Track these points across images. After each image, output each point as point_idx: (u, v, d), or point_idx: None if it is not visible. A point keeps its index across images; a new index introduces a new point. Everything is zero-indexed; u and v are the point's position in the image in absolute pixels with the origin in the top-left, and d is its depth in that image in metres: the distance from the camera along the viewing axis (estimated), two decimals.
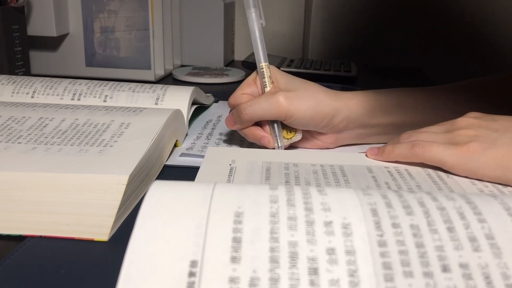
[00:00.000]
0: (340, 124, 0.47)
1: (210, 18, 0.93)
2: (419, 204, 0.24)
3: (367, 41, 1.05)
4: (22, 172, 0.34)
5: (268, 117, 0.46)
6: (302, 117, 0.45)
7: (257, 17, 0.48)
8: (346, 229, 0.22)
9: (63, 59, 0.82)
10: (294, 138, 0.48)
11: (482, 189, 0.38)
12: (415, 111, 0.49)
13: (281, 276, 0.20)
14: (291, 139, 0.48)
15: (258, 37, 0.48)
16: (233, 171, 0.40)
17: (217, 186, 0.25)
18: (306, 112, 0.45)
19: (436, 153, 0.40)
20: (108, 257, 0.29)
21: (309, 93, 0.46)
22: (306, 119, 0.46)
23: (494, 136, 0.39)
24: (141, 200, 0.37)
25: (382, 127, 0.49)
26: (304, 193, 0.24)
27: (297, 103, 0.45)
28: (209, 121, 0.59)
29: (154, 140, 0.40)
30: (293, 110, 0.45)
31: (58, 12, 0.77)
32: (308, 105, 0.45)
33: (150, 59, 0.80)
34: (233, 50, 1.06)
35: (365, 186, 0.38)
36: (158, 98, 0.53)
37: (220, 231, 0.22)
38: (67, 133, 0.41)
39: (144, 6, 0.78)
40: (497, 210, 0.23)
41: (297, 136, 0.48)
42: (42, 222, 0.32)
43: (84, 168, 0.35)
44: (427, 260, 0.21)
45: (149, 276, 0.20)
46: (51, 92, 0.54)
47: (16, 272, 0.27)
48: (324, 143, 0.49)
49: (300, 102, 0.45)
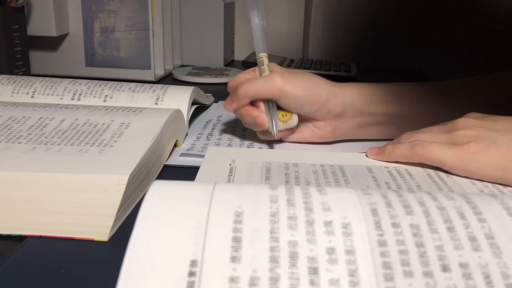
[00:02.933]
0: (335, 108, 0.48)
1: (210, 18, 0.93)
2: (419, 204, 0.24)
3: (367, 41, 1.05)
4: (22, 172, 0.34)
5: (263, 94, 0.46)
6: (296, 96, 0.46)
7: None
8: (346, 228, 0.22)
9: (63, 59, 0.82)
10: (289, 122, 0.48)
11: (482, 189, 0.38)
12: (412, 101, 0.50)
13: (281, 275, 0.20)
14: (287, 122, 0.48)
15: (259, 29, 0.49)
16: (233, 171, 0.40)
17: (217, 186, 0.25)
18: (300, 92, 0.46)
19: (436, 153, 0.40)
20: (108, 257, 0.29)
21: (305, 76, 0.48)
22: (300, 99, 0.46)
23: (494, 136, 0.39)
24: (141, 200, 0.37)
25: (380, 116, 0.49)
26: (304, 193, 0.24)
27: (292, 82, 0.46)
28: (209, 121, 0.59)
29: (154, 140, 0.40)
30: (288, 89, 0.46)
31: (58, 12, 0.77)
32: (302, 85, 0.46)
33: (150, 59, 0.80)
34: (233, 50, 1.06)
35: (365, 186, 0.38)
36: (158, 98, 0.53)
37: (220, 231, 0.22)
38: (67, 133, 0.41)
39: (144, 6, 0.78)
40: (497, 210, 0.23)
41: (292, 120, 0.48)
42: (42, 222, 0.32)
43: (84, 168, 0.35)
44: (427, 260, 0.21)
45: (149, 276, 0.20)
46: (51, 92, 0.54)
47: (16, 272, 0.27)
48: (323, 132, 0.49)
49: (295, 82, 0.46)
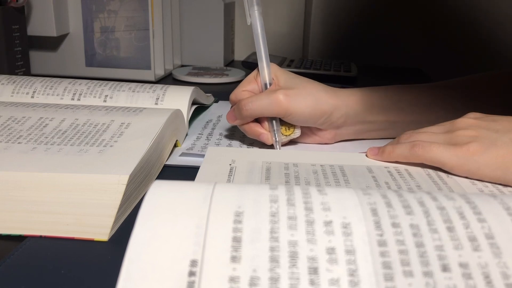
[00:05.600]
0: (338, 120, 0.48)
1: (210, 18, 0.93)
2: (419, 204, 0.24)
3: (367, 41, 1.05)
4: (22, 172, 0.34)
5: (268, 114, 0.47)
6: (301, 114, 0.46)
7: (260, 15, 0.48)
8: (346, 228, 0.22)
9: (63, 59, 0.82)
10: (292, 135, 0.49)
11: (482, 189, 0.38)
12: (412, 108, 0.51)
13: (281, 275, 0.20)
14: (290, 135, 0.49)
15: (260, 35, 0.49)
16: (233, 171, 0.40)
17: (217, 185, 0.25)
18: (305, 110, 0.46)
19: (436, 153, 0.40)
20: (108, 257, 0.29)
21: (308, 91, 0.47)
22: (305, 116, 0.47)
23: (494, 136, 0.39)
24: (141, 200, 0.37)
25: (379, 123, 0.51)
26: (304, 192, 0.24)
27: (296, 101, 0.46)
28: (209, 121, 0.59)
29: (154, 140, 0.40)
30: (292, 108, 0.46)
31: (58, 12, 0.77)
32: (307, 103, 0.46)
33: (150, 59, 0.80)
34: (233, 50, 1.06)
35: (365, 186, 0.38)
36: (158, 98, 0.53)
37: (220, 231, 0.22)
38: (67, 133, 0.41)
39: (144, 6, 0.78)
40: (496, 209, 0.23)
41: (296, 133, 0.49)
42: (42, 222, 0.32)
43: (84, 168, 0.35)
44: (427, 260, 0.21)
45: (149, 276, 0.20)
46: (51, 92, 0.54)
47: (16, 272, 0.27)
48: (323, 139, 0.50)
49: (299, 100, 0.46)
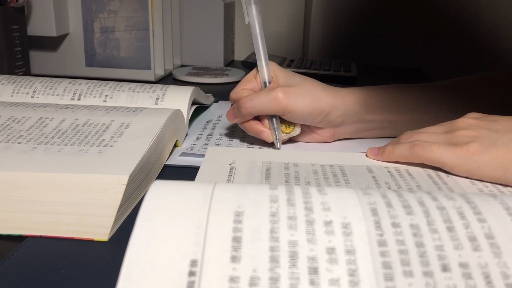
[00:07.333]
0: (337, 119, 0.49)
1: (210, 18, 0.93)
2: (419, 204, 0.24)
3: (367, 41, 1.05)
4: (22, 172, 0.34)
5: (267, 111, 0.47)
6: (300, 112, 0.47)
7: (258, 13, 0.48)
8: (346, 228, 0.22)
9: (63, 59, 0.82)
10: (292, 133, 0.49)
11: (482, 189, 0.38)
12: (410, 107, 0.51)
13: (281, 275, 0.20)
14: (290, 133, 0.49)
15: (258, 34, 0.49)
16: (233, 171, 0.40)
17: (217, 185, 0.25)
18: (304, 109, 0.46)
19: (436, 153, 0.40)
20: (108, 257, 0.29)
21: (307, 89, 0.47)
22: (303, 114, 0.47)
23: (494, 136, 0.39)
24: (141, 200, 0.37)
25: (378, 122, 0.51)
26: (304, 192, 0.24)
27: (295, 99, 0.46)
28: (209, 121, 0.59)
29: (154, 140, 0.40)
30: (291, 106, 0.46)
31: (58, 12, 0.77)
32: (305, 102, 0.46)
33: (150, 59, 0.80)
34: (233, 50, 1.06)
35: (365, 186, 0.38)
36: (158, 98, 0.53)
37: (220, 231, 0.22)
38: (67, 133, 0.41)
39: (144, 6, 0.78)
40: (496, 209, 0.23)
41: (295, 131, 0.49)
42: (42, 222, 0.32)
43: (84, 168, 0.35)
44: (427, 260, 0.21)
45: (149, 276, 0.20)
46: (51, 92, 0.54)
47: (16, 272, 0.27)
48: (322, 137, 0.51)
49: (298, 98, 0.46)
